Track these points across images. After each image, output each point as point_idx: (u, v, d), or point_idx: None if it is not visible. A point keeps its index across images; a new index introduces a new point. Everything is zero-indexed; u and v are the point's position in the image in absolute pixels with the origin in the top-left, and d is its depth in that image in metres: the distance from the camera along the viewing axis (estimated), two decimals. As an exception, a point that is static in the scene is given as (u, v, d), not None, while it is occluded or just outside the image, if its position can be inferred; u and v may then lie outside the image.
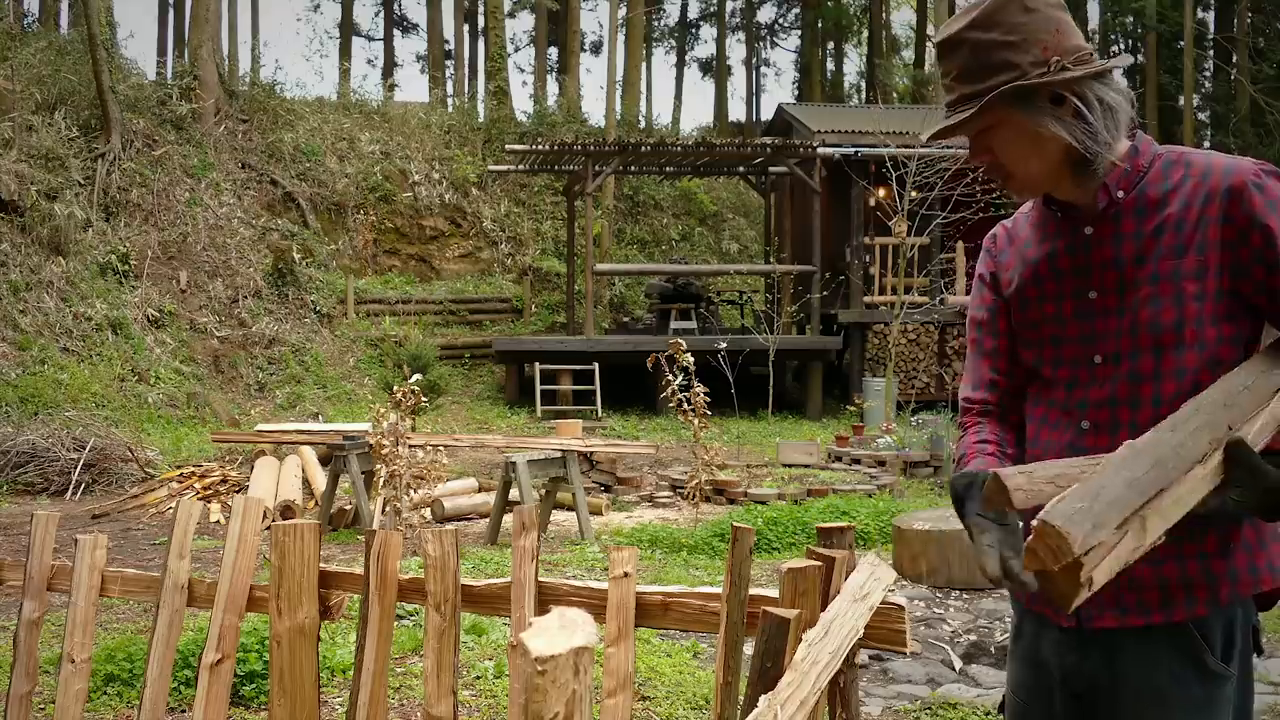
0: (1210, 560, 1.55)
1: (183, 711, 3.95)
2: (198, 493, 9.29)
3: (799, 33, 37.88)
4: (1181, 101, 31.26)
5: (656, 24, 38.79)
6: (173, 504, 8.99)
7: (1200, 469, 1.33)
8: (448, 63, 32.91)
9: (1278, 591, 1.59)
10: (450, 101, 27.92)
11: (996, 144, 1.62)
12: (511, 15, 36.36)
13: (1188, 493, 1.30)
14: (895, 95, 32.90)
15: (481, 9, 32.98)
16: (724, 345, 11.55)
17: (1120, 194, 1.63)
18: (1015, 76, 1.56)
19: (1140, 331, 1.59)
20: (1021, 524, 1.44)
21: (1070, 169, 1.61)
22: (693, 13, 40.39)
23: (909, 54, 39.48)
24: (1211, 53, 33.81)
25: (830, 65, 37.88)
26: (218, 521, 8.63)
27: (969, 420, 1.82)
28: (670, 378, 8.18)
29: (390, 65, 36.68)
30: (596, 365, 15.63)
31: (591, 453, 9.84)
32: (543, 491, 8.15)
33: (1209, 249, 1.56)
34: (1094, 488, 1.26)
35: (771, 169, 18.24)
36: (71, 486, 10.00)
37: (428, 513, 7.90)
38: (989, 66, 1.59)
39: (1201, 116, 35.12)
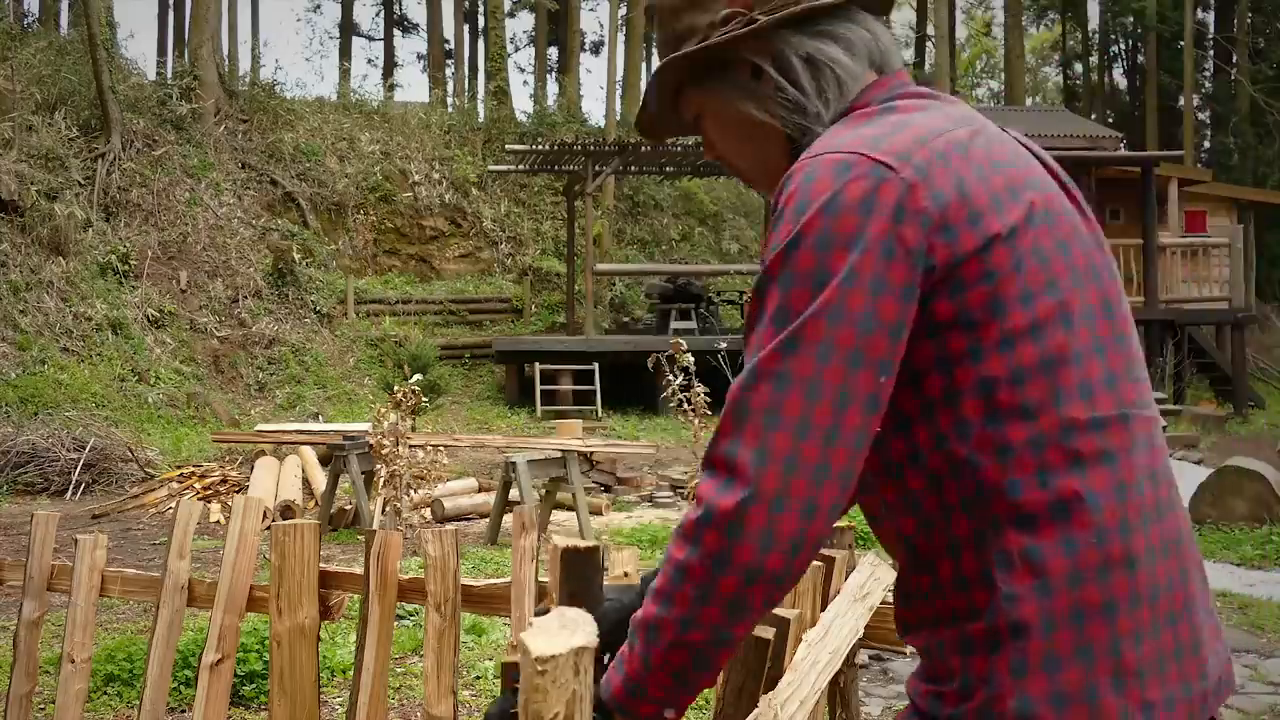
0: None
1: (183, 711, 3.95)
2: (198, 493, 9.29)
3: (799, 33, 37.85)
4: (1181, 101, 31.28)
5: (657, 24, 38.74)
6: (173, 504, 8.99)
7: None
8: (448, 63, 32.91)
9: None
10: (450, 101, 27.92)
11: (712, 135, 1.26)
12: (511, 15, 36.37)
13: None
14: (895, 95, 32.87)
15: (481, 9, 32.99)
16: (724, 345, 11.54)
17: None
18: (694, 45, 1.21)
19: None
20: None
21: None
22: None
23: (909, 54, 39.45)
24: (1211, 53, 33.82)
25: (830, 65, 37.83)
26: (218, 521, 8.63)
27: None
28: (670, 378, 8.18)
29: (390, 65, 36.70)
30: (596, 365, 15.62)
31: (591, 453, 9.82)
32: (543, 491, 8.15)
33: None
34: None
35: (772, 169, 18.22)
36: (71, 486, 10.00)
37: (428, 513, 7.89)
38: (674, 38, 1.24)
39: (1201, 116, 35.14)
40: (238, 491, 9.13)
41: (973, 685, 1.02)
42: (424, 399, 7.86)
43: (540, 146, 16.98)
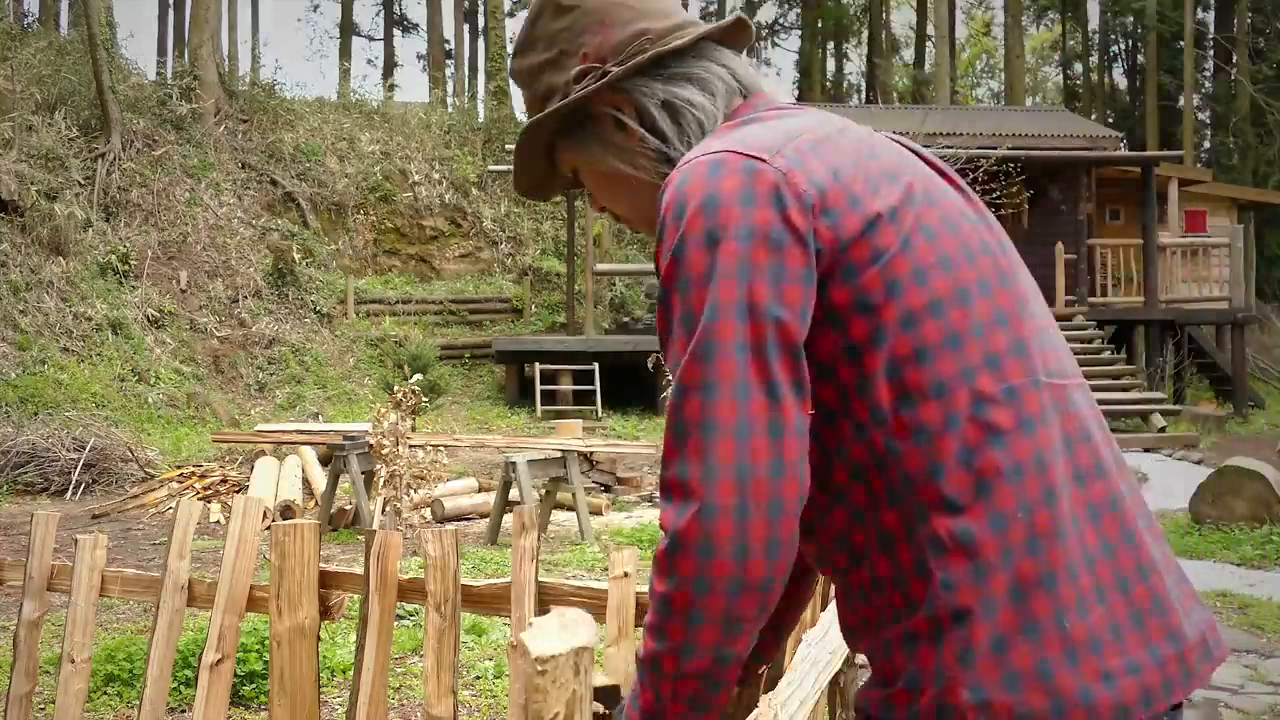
0: None
1: (183, 711, 3.95)
2: (198, 493, 9.29)
3: (799, 33, 37.90)
4: (1181, 101, 31.28)
5: (656, 24, 38.73)
6: (173, 504, 8.99)
7: None
8: (448, 63, 32.91)
9: None
10: (450, 101, 27.92)
11: (591, 189, 1.27)
12: (511, 15, 36.33)
13: None
14: (895, 95, 32.94)
15: (481, 9, 33.00)
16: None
17: None
18: (556, 103, 1.22)
19: None
20: None
21: None
22: (693, 12, 40.35)
23: (909, 54, 39.52)
24: (1211, 53, 33.81)
25: (830, 65, 37.92)
26: (218, 521, 8.63)
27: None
28: (670, 377, 8.18)
29: (390, 65, 36.69)
30: (596, 365, 15.62)
31: (591, 453, 9.83)
32: (543, 492, 8.15)
33: None
34: None
35: (771, 169, 18.21)
36: (71, 486, 10.00)
37: (428, 513, 7.89)
38: (537, 99, 1.26)
39: (1201, 116, 35.15)
40: (238, 491, 9.13)
41: (921, 681, 0.99)
42: (424, 399, 7.87)
43: (540, 146, 16.97)
